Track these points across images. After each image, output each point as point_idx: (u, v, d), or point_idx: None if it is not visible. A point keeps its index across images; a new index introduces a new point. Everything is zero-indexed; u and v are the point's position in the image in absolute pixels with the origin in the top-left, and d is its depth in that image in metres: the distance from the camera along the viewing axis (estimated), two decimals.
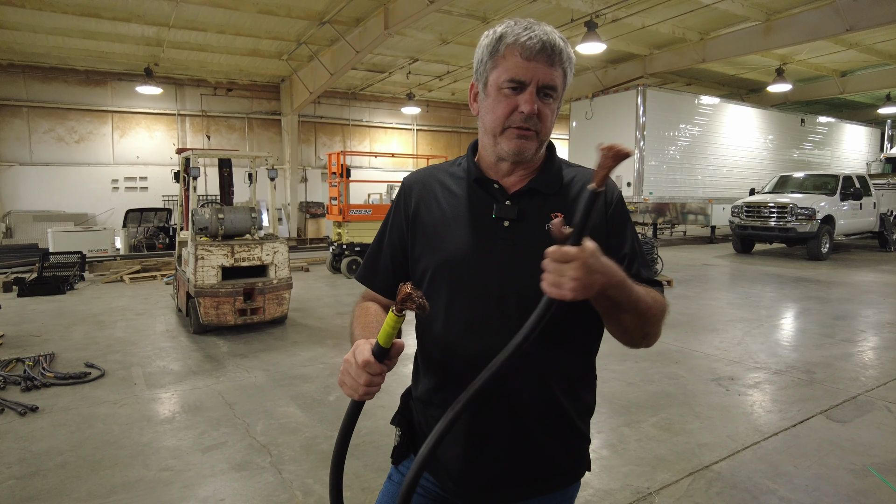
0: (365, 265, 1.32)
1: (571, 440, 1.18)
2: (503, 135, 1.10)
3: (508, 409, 1.11)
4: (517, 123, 1.08)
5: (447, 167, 1.26)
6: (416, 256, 1.20)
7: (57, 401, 4.05)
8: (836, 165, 18.26)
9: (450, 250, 1.15)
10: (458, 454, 1.13)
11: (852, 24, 10.35)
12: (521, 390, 1.11)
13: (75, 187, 15.06)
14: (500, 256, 1.12)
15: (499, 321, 1.10)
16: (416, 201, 1.22)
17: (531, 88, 1.06)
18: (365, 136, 19.60)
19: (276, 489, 2.86)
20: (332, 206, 10.36)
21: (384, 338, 0.95)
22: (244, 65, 15.20)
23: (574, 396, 1.18)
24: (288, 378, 4.59)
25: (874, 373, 4.62)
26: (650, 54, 14.79)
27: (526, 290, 1.09)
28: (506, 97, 1.08)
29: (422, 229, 1.20)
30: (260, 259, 6.05)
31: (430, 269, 1.17)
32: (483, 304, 1.11)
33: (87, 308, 7.42)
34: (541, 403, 1.13)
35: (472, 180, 1.18)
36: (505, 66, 1.07)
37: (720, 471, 3.02)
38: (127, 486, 2.88)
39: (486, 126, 1.13)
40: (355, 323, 1.23)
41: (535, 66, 1.05)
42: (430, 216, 1.20)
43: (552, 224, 0.92)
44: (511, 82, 1.07)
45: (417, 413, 1.23)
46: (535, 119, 1.08)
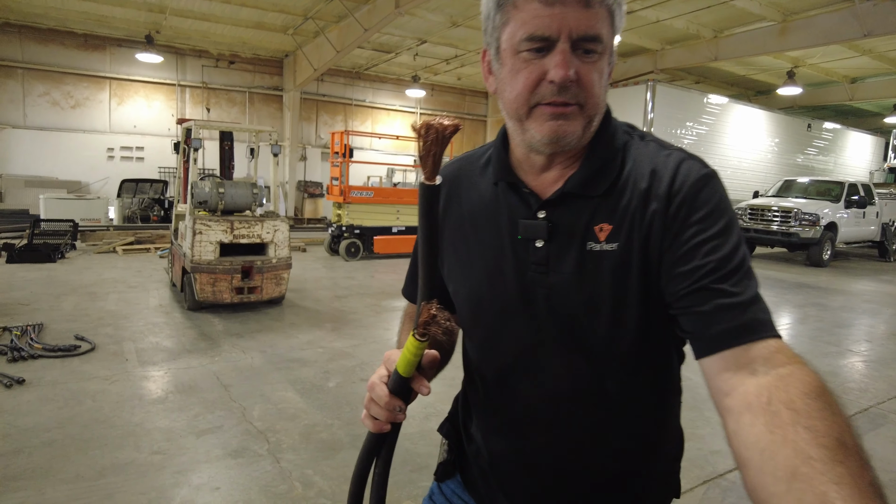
0: (408, 278, 1.07)
1: (655, 491, 0.97)
2: (531, 116, 0.78)
3: (574, 481, 0.90)
4: (548, 98, 0.76)
5: (474, 161, 0.96)
6: (446, 275, 0.95)
7: (45, 374, 3.89)
8: (839, 172, 18.19)
9: (471, 284, 0.90)
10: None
11: (870, 30, 10.19)
12: (587, 464, 0.90)
13: (69, 154, 14.73)
14: (528, 291, 0.84)
15: (535, 371, 0.86)
16: (444, 205, 0.94)
17: (562, 45, 0.74)
18: (367, 116, 19.32)
19: (274, 479, 2.73)
20: (333, 186, 10.16)
21: (405, 366, 0.76)
22: (248, 37, 14.86)
23: (659, 455, 0.95)
24: (286, 361, 4.45)
25: (883, 385, 4.53)
26: (662, 49, 14.60)
27: (562, 337, 0.83)
28: (526, 63, 0.76)
29: (446, 243, 0.94)
30: (260, 237, 5.88)
31: (458, 299, 0.94)
32: (513, 357, 0.88)
33: (78, 278, 7.23)
34: (618, 472, 0.90)
35: (499, 182, 0.88)
36: (520, 18, 0.75)
37: (735, 480, 2.92)
38: (117, 468, 2.74)
39: (507, 107, 0.81)
40: (401, 329, 1.06)
41: (561, 10, 0.72)
42: (453, 230, 0.93)
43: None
44: (531, 40, 0.74)
45: (465, 442, 1.04)
46: (575, 87, 0.75)
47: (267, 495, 2.58)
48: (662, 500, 0.99)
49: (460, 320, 0.95)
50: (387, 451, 0.87)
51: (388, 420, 0.81)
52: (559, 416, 0.88)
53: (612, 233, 0.79)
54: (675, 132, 13.78)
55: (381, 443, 0.86)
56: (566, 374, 0.85)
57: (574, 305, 0.81)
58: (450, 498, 1.06)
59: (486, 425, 0.97)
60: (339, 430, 3.28)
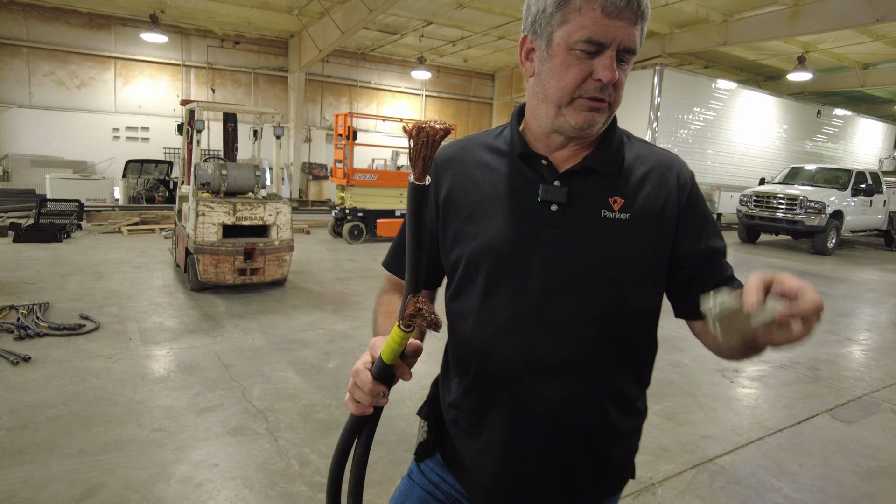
0: (391, 251, 1.16)
1: (619, 456, 1.05)
2: (571, 105, 0.92)
3: (553, 426, 0.98)
4: (591, 93, 0.90)
5: (486, 139, 1.08)
6: (448, 245, 1.04)
7: (50, 352, 3.97)
8: (848, 160, 18.00)
9: (486, 237, 0.98)
10: (489, 466, 1.00)
11: (883, 15, 10.01)
12: (570, 410, 0.98)
13: (75, 133, 14.76)
14: (545, 247, 0.95)
15: (541, 322, 0.95)
16: (449, 182, 1.05)
17: (611, 52, 0.88)
18: (372, 98, 19.22)
19: (271, 456, 2.80)
20: (337, 168, 10.17)
21: (389, 354, 0.81)
22: (253, 17, 14.76)
23: (627, 412, 1.04)
24: (286, 342, 4.51)
25: (879, 374, 4.56)
26: (670, 33, 14.40)
27: (573, 288, 0.95)
28: (578, 60, 0.89)
29: (454, 214, 1.03)
30: (262, 219, 5.92)
31: (463, 259, 1.01)
32: (523, 303, 0.96)
33: (83, 258, 7.31)
34: (591, 425, 0.99)
35: (516, 155, 1.00)
36: (580, 21, 0.87)
37: (724, 465, 2.97)
38: (119, 444, 2.81)
39: (549, 93, 0.93)
40: (378, 312, 1.10)
41: (618, 24, 0.87)
42: (465, 199, 1.02)
43: (750, 305, 0.73)
44: (588, 43, 0.88)
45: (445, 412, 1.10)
46: (611, 88, 0.91)
47: (264, 472, 2.65)
48: (622, 470, 1.08)
49: (460, 281, 1.03)
50: (367, 433, 0.92)
51: (370, 404, 0.85)
52: (549, 366, 0.96)
53: (624, 205, 0.96)
54: (682, 117, 13.66)
55: (362, 425, 0.90)
56: (564, 325, 0.95)
57: (582, 262, 0.94)
58: (428, 475, 1.11)
59: (471, 384, 1.02)
60: (336, 410, 3.34)
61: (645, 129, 12.97)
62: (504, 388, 0.98)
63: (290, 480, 2.60)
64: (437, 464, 1.11)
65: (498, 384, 0.98)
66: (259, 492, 2.50)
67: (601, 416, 0.99)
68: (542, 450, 0.98)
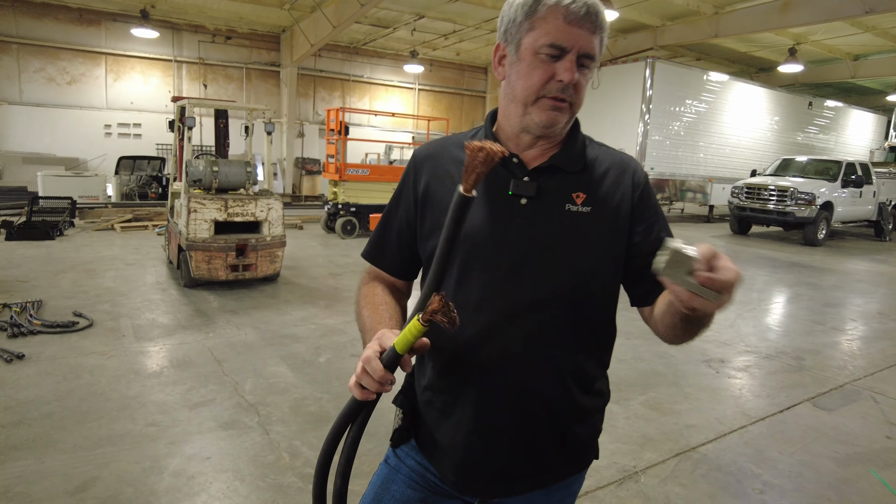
0: (371, 242, 1.24)
1: (582, 434, 1.13)
2: (535, 104, 1.01)
3: (519, 401, 1.05)
4: (553, 93, 1.00)
5: (462, 139, 1.13)
6: (425, 235, 1.12)
7: (44, 349, 4.01)
8: (840, 151, 18.11)
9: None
10: (460, 443, 1.07)
11: (872, 7, 10.08)
12: (534, 384, 1.05)
13: (66, 130, 14.71)
14: (515, 235, 1.04)
15: (510, 303, 1.03)
16: (427, 177, 1.14)
17: (572, 56, 0.98)
18: (365, 92, 19.19)
19: (262, 449, 2.85)
20: (329, 164, 10.19)
21: (403, 345, 0.86)
22: (245, 12, 14.71)
23: (590, 393, 1.12)
24: (278, 337, 4.56)
25: (862, 362, 4.64)
26: (662, 26, 14.43)
27: (540, 272, 1.03)
28: (543, 63, 0.99)
29: (432, 206, 1.11)
30: (254, 215, 5.95)
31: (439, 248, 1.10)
32: (494, 286, 1.03)
33: (76, 255, 7.33)
34: (556, 402, 1.07)
35: None
36: (545, 28, 0.97)
37: (706, 453, 3.04)
38: (113, 439, 2.86)
39: (517, 93, 1.03)
40: (363, 304, 1.16)
41: (578, 31, 0.97)
42: (441, 193, 1.10)
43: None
44: (551, 48, 0.97)
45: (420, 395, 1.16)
46: (572, 90, 1.00)
47: (255, 465, 2.71)
48: (586, 449, 1.16)
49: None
50: (363, 417, 0.98)
51: (376, 391, 0.91)
52: (517, 343, 1.03)
53: (586, 200, 1.06)
54: (674, 109, 13.72)
55: (360, 410, 0.97)
56: (530, 306, 1.03)
57: (549, 249, 1.03)
58: (403, 460, 1.18)
59: (445, 364, 1.09)
60: (327, 403, 3.40)
61: (637, 121, 13.03)
62: (475, 366, 1.05)
63: (281, 472, 2.66)
64: (412, 448, 1.18)
65: (470, 363, 1.05)
66: (250, 483, 2.56)
67: (564, 393, 1.07)
68: (509, 425, 1.05)
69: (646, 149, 13.19)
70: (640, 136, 13.08)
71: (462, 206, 0.85)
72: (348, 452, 0.99)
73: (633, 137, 13.04)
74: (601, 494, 2.61)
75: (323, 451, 1.01)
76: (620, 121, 13.21)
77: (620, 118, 13.23)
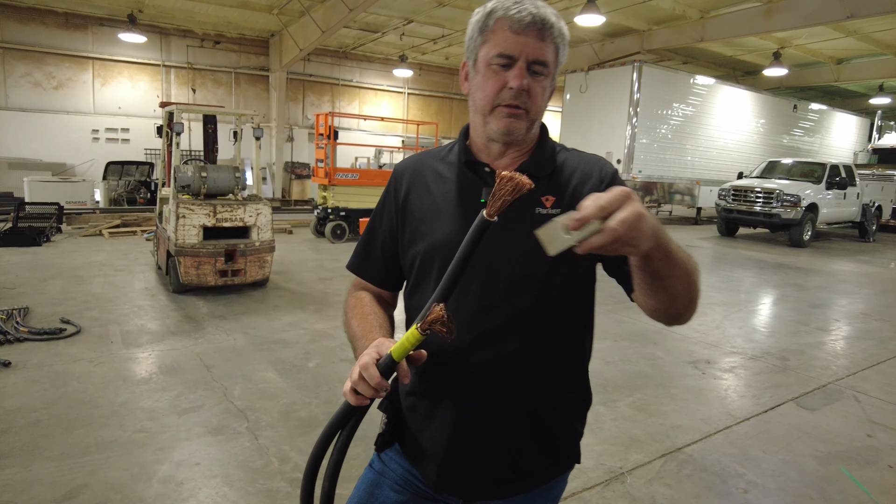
0: (356, 253, 1.28)
1: (563, 437, 1.16)
2: (492, 113, 1.06)
3: (499, 403, 1.08)
4: (506, 101, 1.04)
5: (439, 153, 1.22)
6: (406, 244, 1.17)
7: (30, 356, 3.98)
8: (825, 153, 18.36)
9: (437, 236, 1.11)
10: (442, 446, 1.10)
11: (853, 11, 10.26)
12: (514, 385, 1.08)
13: (53, 135, 14.60)
14: (488, 241, 1.04)
15: (486, 306, 1.07)
16: (407, 188, 1.19)
17: (521, 63, 1.02)
18: (354, 96, 19.21)
19: (251, 454, 2.86)
20: (319, 168, 10.19)
21: (399, 353, 0.90)
22: (233, 17, 14.69)
23: (569, 392, 1.16)
24: (268, 342, 4.56)
25: (845, 362, 4.72)
26: (649, 30, 14.59)
27: (514, 275, 1.07)
28: (495, 73, 1.04)
29: (411, 216, 1.16)
30: (242, 220, 5.95)
31: (418, 256, 1.13)
32: (471, 291, 1.06)
33: (63, 261, 7.28)
34: (534, 400, 1.10)
35: (462, 163, 1.14)
36: (494, 40, 1.03)
37: (692, 453, 3.08)
38: (101, 446, 2.86)
39: (477, 104, 1.08)
40: (351, 315, 1.18)
41: (524, 39, 1.01)
42: (420, 203, 1.15)
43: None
44: (500, 57, 1.02)
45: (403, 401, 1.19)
46: (525, 96, 1.03)
47: (244, 470, 2.71)
48: (567, 452, 1.19)
49: (417, 276, 1.14)
50: (354, 422, 1.01)
51: (370, 397, 0.93)
52: (495, 343, 1.07)
53: (556, 203, 1.09)
54: (661, 113, 13.85)
55: (352, 415, 1.00)
56: (506, 306, 1.06)
57: (521, 254, 1.06)
58: (388, 464, 1.21)
59: (426, 368, 1.11)
60: (316, 408, 3.41)
61: (625, 124, 13.13)
62: (455, 369, 1.08)
63: (270, 477, 2.67)
64: (396, 453, 1.21)
65: (451, 367, 1.08)
66: (239, 489, 2.57)
67: (543, 393, 1.10)
68: (490, 427, 1.08)
69: (633, 152, 13.30)
70: (627, 140, 13.19)
71: (483, 228, 0.87)
72: (337, 456, 1.02)
73: (621, 141, 13.14)
74: (588, 496, 2.65)
75: (312, 454, 1.03)
76: (608, 124, 13.31)
77: (608, 122, 13.33)
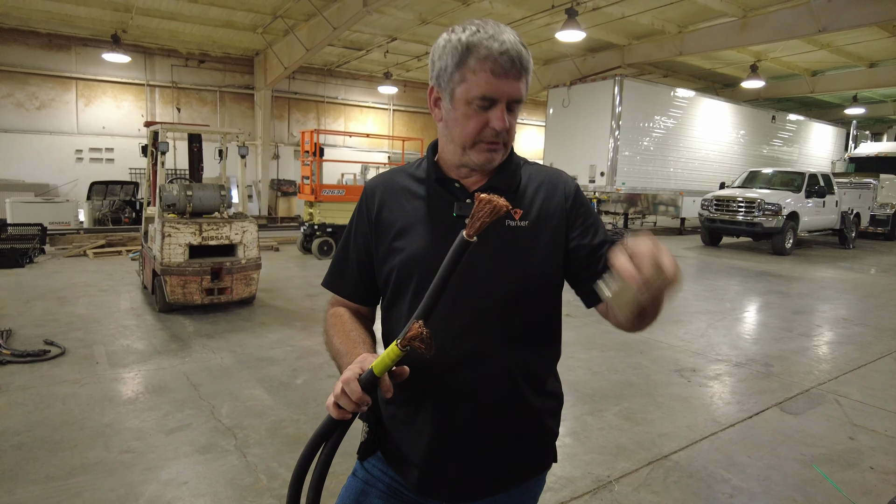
0: (332, 270, 1.30)
1: (538, 436, 1.21)
2: (473, 148, 1.10)
3: (476, 406, 1.12)
4: (488, 139, 1.09)
5: (408, 169, 1.26)
6: (381, 259, 1.20)
7: (13, 379, 3.93)
8: (804, 163, 18.72)
9: (412, 250, 1.14)
10: (422, 450, 1.14)
11: (825, 25, 10.56)
12: (489, 388, 1.12)
13: (36, 156, 14.48)
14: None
15: (460, 315, 1.10)
16: (379, 204, 1.22)
17: (502, 105, 1.06)
18: (340, 113, 19.30)
19: (240, 472, 2.85)
20: (305, 185, 10.22)
21: (380, 368, 0.92)
22: (217, 36, 14.75)
23: (541, 393, 1.20)
24: (255, 360, 4.54)
25: (827, 367, 4.80)
26: (629, 45, 14.87)
27: (486, 284, 1.11)
28: (476, 113, 1.07)
29: (385, 231, 1.19)
30: (228, 238, 5.94)
31: (394, 271, 1.16)
32: (446, 301, 1.08)
33: (47, 283, 7.20)
34: (508, 401, 1.14)
35: (433, 180, 1.18)
36: (475, 81, 1.05)
37: (678, 460, 3.12)
38: (87, 467, 2.83)
39: (455, 138, 1.12)
40: (333, 333, 1.20)
41: (505, 82, 1.05)
42: (392, 218, 1.19)
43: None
44: (482, 99, 1.06)
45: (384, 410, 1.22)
46: (504, 132, 1.09)
47: (233, 488, 2.70)
48: (544, 452, 1.25)
49: (394, 291, 1.17)
50: (337, 437, 1.04)
51: (352, 411, 0.96)
52: (471, 350, 1.11)
53: (523, 215, 1.15)
54: (643, 125, 14.08)
55: (335, 428, 1.02)
56: (481, 314, 1.11)
57: (493, 263, 1.11)
58: (370, 471, 1.24)
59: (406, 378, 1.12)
60: (304, 424, 3.40)
61: (607, 138, 13.33)
62: (432, 377, 1.11)
63: (259, 494, 2.66)
64: (378, 460, 1.24)
65: (428, 374, 1.11)
66: None
67: (516, 393, 1.15)
68: (469, 429, 1.13)
69: (617, 164, 13.48)
70: (610, 152, 13.37)
71: (463, 248, 0.90)
72: (321, 468, 1.04)
73: (604, 153, 13.32)
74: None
75: (297, 467, 1.05)
76: (591, 138, 13.50)
77: (591, 135, 13.52)
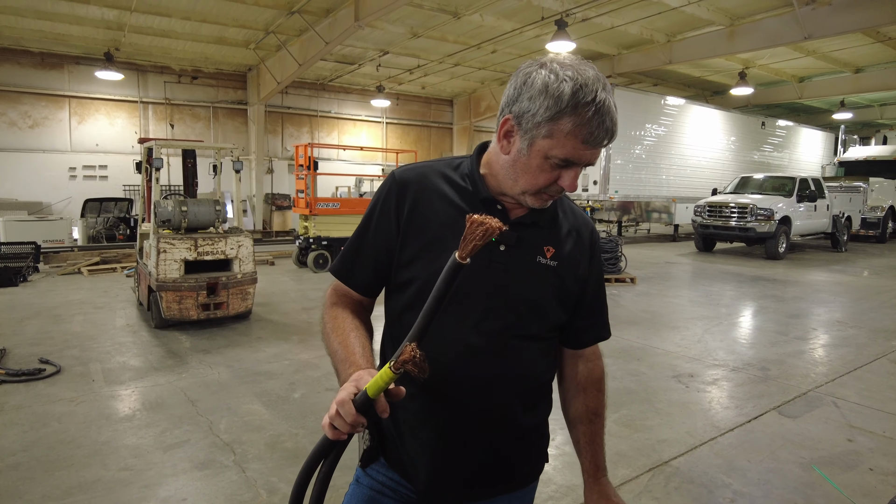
0: (343, 258, 1.23)
1: (536, 443, 1.24)
2: (535, 194, 1.11)
3: (482, 412, 1.14)
4: (553, 193, 1.11)
5: (444, 169, 1.19)
6: (405, 261, 1.15)
7: (9, 399, 3.90)
8: (794, 168, 18.90)
9: (441, 266, 1.09)
10: (428, 455, 1.15)
11: (810, 33, 10.71)
12: (497, 396, 1.14)
13: (29, 174, 14.44)
14: (491, 278, 1.12)
15: (478, 335, 1.11)
16: (412, 204, 1.15)
17: (579, 169, 1.07)
18: (333, 127, 19.37)
19: (239, 488, 2.83)
20: (299, 198, 10.23)
21: (374, 390, 0.90)
22: (210, 52, 14.82)
23: (541, 404, 1.24)
24: (252, 375, 4.53)
25: (824, 369, 4.82)
26: (619, 54, 15.02)
27: (507, 310, 1.13)
28: (551, 169, 1.06)
29: (416, 234, 1.14)
30: (224, 253, 5.94)
31: (419, 279, 1.13)
32: (467, 321, 1.11)
33: (41, 301, 7.16)
34: (511, 413, 1.17)
35: (478, 198, 1.14)
36: (563, 144, 1.03)
37: (678, 466, 3.12)
38: (84, 486, 2.80)
39: (519, 181, 1.10)
40: (332, 333, 1.16)
41: (592, 151, 1.05)
42: (424, 223, 1.14)
43: None
44: (563, 160, 1.05)
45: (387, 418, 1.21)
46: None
47: (233, 503, 2.68)
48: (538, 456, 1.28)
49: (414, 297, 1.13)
50: (335, 455, 1.02)
51: (347, 432, 0.94)
52: (483, 371, 1.12)
53: (554, 254, 1.17)
54: (635, 134, 14.20)
55: (332, 448, 1.01)
56: (497, 339, 1.13)
57: (517, 294, 1.14)
58: (375, 477, 1.23)
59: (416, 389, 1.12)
60: (303, 438, 3.39)
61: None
62: (445, 390, 1.12)
63: None
64: (382, 465, 1.23)
65: (439, 387, 1.11)
66: None
67: (518, 401, 1.19)
68: (474, 433, 1.15)
69: (609, 173, 13.57)
70: (603, 161, 13.47)
71: (456, 271, 0.89)
72: (322, 483, 1.03)
73: (597, 162, 13.40)
74: None
75: (297, 482, 1.04)
76: None
77: None
